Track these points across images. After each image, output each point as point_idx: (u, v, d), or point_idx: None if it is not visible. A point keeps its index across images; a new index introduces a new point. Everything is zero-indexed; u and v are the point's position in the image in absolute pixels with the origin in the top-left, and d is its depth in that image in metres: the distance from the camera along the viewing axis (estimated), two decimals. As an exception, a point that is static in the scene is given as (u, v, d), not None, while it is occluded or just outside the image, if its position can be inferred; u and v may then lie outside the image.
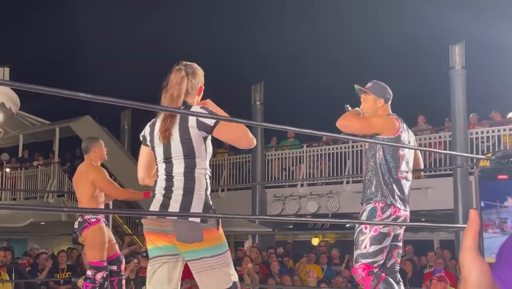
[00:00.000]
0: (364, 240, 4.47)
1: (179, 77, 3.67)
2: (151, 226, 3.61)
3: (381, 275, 4.40)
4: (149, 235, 3.64)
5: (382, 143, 4.35)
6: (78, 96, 2.16)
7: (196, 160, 3.67)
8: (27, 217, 17.98)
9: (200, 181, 3.67)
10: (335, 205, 15.07)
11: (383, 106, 4.61)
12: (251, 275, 11.21)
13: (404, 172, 4.53)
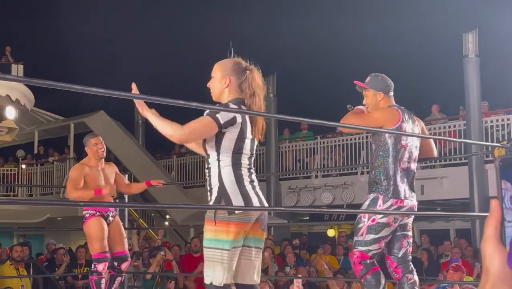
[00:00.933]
0: (362, 228, 4.49)
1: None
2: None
3: (371, 267, 4.43)
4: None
5: (395, 133, 4.36)
6: (90, 91, 2.17)
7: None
8: (43, 213, 18.12)
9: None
10: (350, 195, 15.04)
11: (384, 99, 4.64)
12: (266, 263, 11.23)
13: (406, 162, 4.56)
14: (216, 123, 3.55)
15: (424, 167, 14.63)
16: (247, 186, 3.67)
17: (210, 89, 3.80)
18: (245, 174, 3.68)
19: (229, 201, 3.60)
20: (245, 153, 3.69)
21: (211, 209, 3.63)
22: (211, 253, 3.58)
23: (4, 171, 19.26)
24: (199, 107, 3.53)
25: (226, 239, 3.55)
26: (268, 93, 16.86)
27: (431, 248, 12.93)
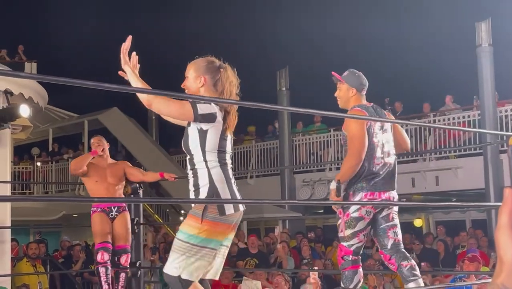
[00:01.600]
0: (340, 224, 4.72)
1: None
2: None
3: (351, 264, 4.65)
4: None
5: (399, 122, 4.37)
6: (102, 87, 2.17)
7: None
8: (59, 210, 18.23)
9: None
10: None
11: (356, 95, 4.80)
12: (281, 258, 11.23)
13: (380, 158, 4.70)
14: (193, 110, 3.55)
15: (439, 158, 14.57)
16: (233, 185, 3.70)
17: (185, 90, 3.79)
18: (230, 174, 3.71)
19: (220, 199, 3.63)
20: (227, 152, 3.71)
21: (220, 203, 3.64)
22: (188, 248, 3.56)
23: (19, 169, 19.38)
24: (210, 100, 3.53)
25: (208, 238, 3.57)
26: (280, 86, 16.85)
27: (447, 239, 12.89)
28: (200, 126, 3.62)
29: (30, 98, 7.88)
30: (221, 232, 3.61)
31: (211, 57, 3.80)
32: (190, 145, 3.66)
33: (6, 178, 8.35)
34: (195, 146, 3.64)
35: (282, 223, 16.27)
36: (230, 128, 3.73)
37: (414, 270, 4.63)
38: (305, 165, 16.79)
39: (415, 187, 14.53)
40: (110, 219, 6.79)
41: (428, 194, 14.85)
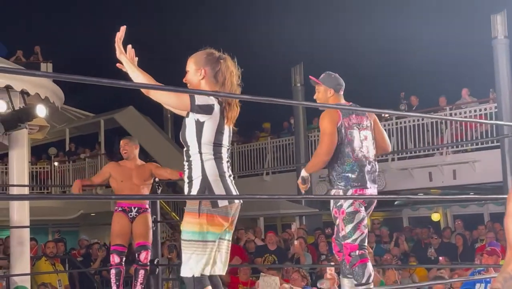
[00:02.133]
0: (338, 223, 4.89)
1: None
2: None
3: (359, 259, 4.77)
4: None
5: (416, 116, 4.35)
6: (118, 84, 2.18)
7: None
8: (77, 209, 18.33)
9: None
10: (381, 183, 14.91)
11: (334, 96, 5.02)
12: (298, 254, 11.22)
13: (358, 152, 4.88)
14: (190, 100, 3.56)
15: (456, 151, 14.49)
16: (227, 179, 3.68)
17: (187, 84, 3.79)
18: (225, 168, 3.69)
19: (212, 193, 3.61)
20: (223, 145, 3.70)
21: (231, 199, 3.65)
22: (194, 246, 3.58)
23: (37, 169, 19.50)
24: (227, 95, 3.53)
25: (211, 232, 3.58)
26: (295, 82, 16.82)
27: (466, 233, 12.83)
28: (197, 118, 3.61)
29: (46, 98, 7.92)
30: (218, 224, 3.61)
31: (210, 49, 3.80)
32: (186, 136, 3.67)
33: (24, 178, 8.42)
34: (192, 137, 3.64)
35: (299, 219, 16.26)
36: (230, 121, 3.72)
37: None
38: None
39: (432, 181, 14.46)
40: (130, 219, 6.86)
41: (446, 188, 14.78)
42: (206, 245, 3.58)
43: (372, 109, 4.65)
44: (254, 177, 17.31)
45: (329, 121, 4.85)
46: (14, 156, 8.27)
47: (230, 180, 3.72)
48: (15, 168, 8.27)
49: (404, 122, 15.02)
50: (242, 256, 11.35)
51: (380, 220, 16.21)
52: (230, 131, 3.77)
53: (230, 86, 3.73)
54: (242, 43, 24.56)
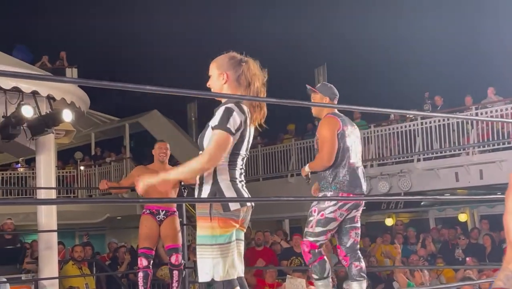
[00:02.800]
0: (312, 220, 5.09)
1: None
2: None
3: (319, 256, 5.07)
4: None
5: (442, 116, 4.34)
6: (144, 90, 2.19)
7: None
8: (103, 213, 18.46)
9: None
10: (407, 183, 14.85)
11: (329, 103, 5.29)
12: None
13: (353, 161, 5.15)
14: (231, 135, 3.56)
15: (482, 151, 14.35)
16: (238, 184, 3.69)
17: (211, 89, 3.78)
18: (238, 175, 3.69)
19: (223, 197, 3.62)
20: (240, 154, 3.70)
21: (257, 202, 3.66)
22: (209, 250, 3.59)
23: (63, 173, 19.67)
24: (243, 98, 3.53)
25: (224, 234, 3.58)
26: (319, 83, 16.78)
27: (493, 233, 12.70)
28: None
29: (72, 103, 7.99)
30: (232, 227, 3.62)
31: (232, 52, 3.79)
32: (204, 142, 3.67)
33: (52, 182, 8.50)
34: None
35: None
36: (255, 122, 3.73)
37: (362, 271, 5.14)
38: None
39: (459, 181, 14.34)
40: (158, 222, 6.90)
41: (473, 188, 14.64)
42: (223, 248, 3.59)
43: (397, 110, 4.63)
44: (279, 179, 17.29)
45: (329, 129, 5.10)
46: (41, 161, 8.35)
47: (241, 184, 3.72)
48: (42, 172, 8.36)
49: (429, 122, 14.91)
50: (268, 258, 11.34)
51: (406, 222, 16.13)
52: (251, 136, 3.77)
53: (254, 89, 3.71)
54: (265, 45, 24.58)
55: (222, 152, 3.54)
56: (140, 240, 6.97)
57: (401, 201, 15.77)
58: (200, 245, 3.63)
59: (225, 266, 3.60)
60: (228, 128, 3.53)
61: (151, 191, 6.95)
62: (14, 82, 7.14)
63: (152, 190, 6.94)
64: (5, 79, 6.95)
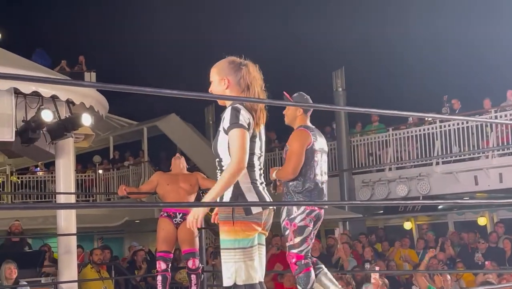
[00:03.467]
0: (288, 233, 5.23)
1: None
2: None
3: (304, 268, 5.18)
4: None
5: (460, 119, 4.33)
6: (162, 93, 2.20)
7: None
8: (122, 216, 18.51)
9: None
10: (425, 187, 14.77)
11: (302, 115, 5.37)
12: (342, 260, 11.16)
13: (319, 174, 5.31)
14: (246, 130, 3.58)
15: (502, 154, 14.25)
16: (259, 186, 3.71)
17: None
18: (258, 176, 3.71)
19: (245, 200, 3.63)
20: (255, 153, 3.71)
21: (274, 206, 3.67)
22: (231, 253, 3.60)
23: (82, 177, 19.78)
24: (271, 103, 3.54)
25: (247, 238, 3.59)
26: (337, 87, 16.75)
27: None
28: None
29: (91, 107, 8.04)
30: (255, 231, 3.63)
31: (231, 57, 3.80)
32: (218, 148, 3.69)
33: (71, 186, 8.55)
34: (224, 150, 3.66)
35: (343, 224, 16.16)
36: (259, 126, 3.73)
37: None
38: (364, 167, 16.61)
39: (478, 185, 14.25)
40: (175, 225, 6.93)
41: (492, 191, 14.53)
42: (245, 252, 3.60)
43: (416, 113, 4.60)
44: (297, 182, 17.24)
45: (300, 142, 5.23)
46: (61, 165, 8.41)
47: (262, 186, 3.74)
48: (61, 176, 8.41)
49: (448, 125, 14.83)
50: (286, 262, 11.31)
51: (425, 225, 16.03)
52: (262, 135, 3.79)
53: (254, 92, 3.73)
54: (283, 49, 24.58)
55: (245, 148, 3.56)
56: (158, 243, 7.01)
57: (419, 205, 15.68)
58: (223, 249, 3.64)
59: (248, 270, 3.60)
60: (241, 124, 3.56)
61: (169, 190, 7.01)
62: (34, 86, 7.20)
63: (170, 189, 7.00)
64: (25, 83, 7.00)
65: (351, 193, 16.21)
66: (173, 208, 6.92)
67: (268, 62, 4.28)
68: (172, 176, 7.13)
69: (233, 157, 3.55)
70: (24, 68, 7.69)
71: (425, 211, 14.39)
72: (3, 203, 18.82)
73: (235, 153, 3.54)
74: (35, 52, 18.56)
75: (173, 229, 6.93)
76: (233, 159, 3.55)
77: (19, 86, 7.08)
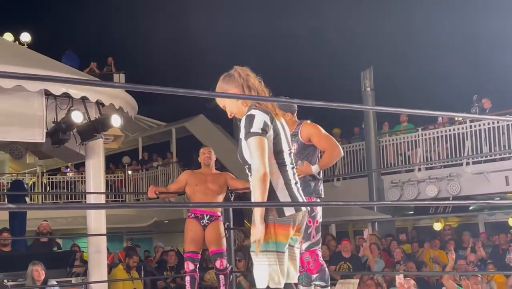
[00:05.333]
0: (311, 231, 5.26)
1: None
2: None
3: (325, 264, 5.34)
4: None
5: (492, 119, 4.28)
6: (193, 94, 2.20)
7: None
8: (151, 217, 18.65)
9: None
10: (456, 187, 14.62)
11: (292, 119, 5.43)
12: (369, 260, 11.08)
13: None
14: (261, 136, 3.57)
15: (510, 157, 14.13)
16: (293, 187, 3.68)
17: (235, 115, 3.85)
18: (291, 175, 3.69)
19: (277, 201, 3.62)
20: (284, 150, 3.70)
21: (310, 206, 3.65)
22: (264, 256, 3.58)
23: (112, 178, 19.94)
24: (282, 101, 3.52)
25: (280, 241, 3.57)
26: (365, 87, 16.66)
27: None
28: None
29: (120, 108, 8.08)
30: (288, 234, 3.60)
31: (222, 75, 3.84)
32: (244, 156, 3.72)
33: (101, 187, 8.61)
34: (249, 157, 3.67)
35: (372, 225, 16.07)
36: (278, 116, 3.76)
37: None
38: (393, 167, 16.49)
39: (509, 185, 14.08)
40: (202, 226, 6.94)
41: (524, 191, 14.36)
42: (275, 255, 3.57)
43: (447, 113, 4.55)
44: (325, 183, 17.14)
45: (319, 129, 5.36)
46: (91, 165, 8.47)
47: (297, 187, 3.71)
48: (91, 177, 8.47)
49: (478, 125, 14.67)
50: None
51: (454, 226, 15.88)
52: (286, 130, 3.79)
53: (255, 86, 3.76)
54: (311, 49, 24.52)
55: (263, 154, 3.56)
56: (186, 244, 7.03)
57: (450, 205, 15.53)
58: (260, 251, 3.62)
59: (279, 273, 3.58)
60: (254, 132, 3.57)
61: (197, 190, 7.03)
62: (64, 88, 7.26)
63: (198, 190, 7.02)
64: (56, 85, 7.07)
65: (380, 194, 16.11)
66: (200, 209, 6.94)
67: (297, 63, 4.28)
68: (201, 176, 7.11)
69: (252, 167, 3.58)
70: (55, 70, 7.76)
71: (456, 211, 14.25)
72: (34, 203, 19.03)
73: (253, 163, 3.57)
74: (64, 54, 18.73)
75: (200, 230, 6.96)
76: (253, 169, 3.57)
77: (49, 88, 7.15)
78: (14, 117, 7.27)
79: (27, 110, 7.32)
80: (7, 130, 7.35)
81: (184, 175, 7.26)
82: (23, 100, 7.25)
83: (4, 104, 7.15)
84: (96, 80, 2.89)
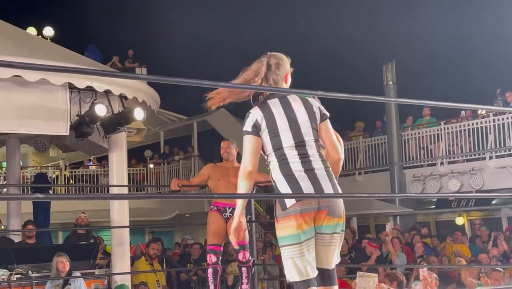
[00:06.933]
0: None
1: (259, 66, 3.81)
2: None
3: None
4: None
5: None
6: (218, 86, 2.22)
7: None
8: (172, 210, 18.73)
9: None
10: (478, 182, 14.52)
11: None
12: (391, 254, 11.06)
13: None
14: (249, 134, 3.75)
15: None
16: (298, 176, 3.63)
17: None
18: (297, 167, 3.65)
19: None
20: (286, 147, 3.69)
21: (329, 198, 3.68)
22: (283, 251, 3.64)
23: (134, 171, 20.07)
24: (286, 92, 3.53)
25: (293, 234, 3.58)
26: (387, 80, 16.58)
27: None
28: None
29: (143, 102, 8.14)
30: (299, 224, 3.57)
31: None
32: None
33: (124, 179, 8.67)
34: (264, 149, 3.84)
35: (393, 219, 16.01)
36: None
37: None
38: (415, 161, 16.40)
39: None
40: (224, 219, 6.96)
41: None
42: (296, 247, 3.58)
43: (469, 105, 4.53)
44: (346, 177, 17.16)
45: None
46: (114, 158, 8.53)
47: (304, 175, 3.64)
48: (114, 170, 8.54)
49: (502, 119, 14.55)
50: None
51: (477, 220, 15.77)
52: (299, 123, 3.76)
53: (263, 69, 3.81)
54: (333, 42, 24.43)
55: (252, 152, 3.75)
56: (208, 237, 7.07)
57: (472, 199, 15.43)
58: (280, 247, 3.71)
59: (303, 264, 3.58)
60: (245, 130, 3.80)
61: (220, 185, 7.05)
62: (88, 81, 7.33)
63: (220, 184, 7.04)
64: (80, 78, 7.13)
65: (402, 188, 16.04)
66: (223, 202, 6.97)
67: (319, 57, 4.28)
68: (223, 170, 7.11)
69: (241, 163, 3.78)
70: (79, 63, 7.83)
71: (479, 205, 14.17)
72: (60, 194, 19.23)
73: (242, 160, 3.78)
74: (87, 48, 18.86)
75: (223, 223, 6.98)
76: (241, 165, 3.78)
77: (73, 81, 7.21)
78: (38, 111, 7.34)
79: (51, 103, 7.39)
80: (32, 124, 7.43)
81: (206, 169, 7.27)
82: (47, 94, 7.33)
83: (29, 97, 7.24)
84: (121, 73, 2.91)
